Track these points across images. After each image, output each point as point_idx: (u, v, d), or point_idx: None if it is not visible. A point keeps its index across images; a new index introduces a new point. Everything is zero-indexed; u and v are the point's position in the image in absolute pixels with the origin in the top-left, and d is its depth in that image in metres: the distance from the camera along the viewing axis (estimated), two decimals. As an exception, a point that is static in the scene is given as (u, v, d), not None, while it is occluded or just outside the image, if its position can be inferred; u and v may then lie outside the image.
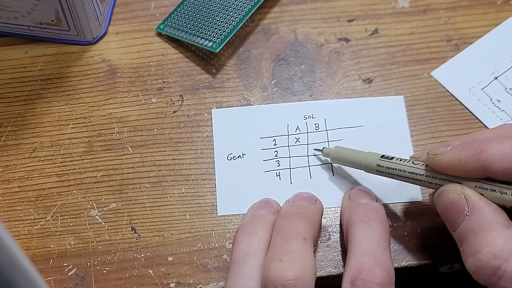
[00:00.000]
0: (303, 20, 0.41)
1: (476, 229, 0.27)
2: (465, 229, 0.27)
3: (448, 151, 0.28)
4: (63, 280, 0.33)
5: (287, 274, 0.27)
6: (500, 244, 0.26)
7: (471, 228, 0.27)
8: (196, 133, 0.37)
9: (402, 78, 0.39)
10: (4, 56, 0.40)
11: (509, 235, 0.26)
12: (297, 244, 0.29)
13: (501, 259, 0.25)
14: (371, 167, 0.32)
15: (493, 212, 0.27)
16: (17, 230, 0.35)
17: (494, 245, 0.26)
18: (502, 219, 0.27)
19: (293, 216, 0.31)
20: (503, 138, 0.28)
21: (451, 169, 0.28)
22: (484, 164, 0.27)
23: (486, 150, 0.27)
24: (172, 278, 0.33)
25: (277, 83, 0.39)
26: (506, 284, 0.25)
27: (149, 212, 0.35)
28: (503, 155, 0.26)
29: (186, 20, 0.41)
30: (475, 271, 0.26)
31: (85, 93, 0.39)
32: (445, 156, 0.28)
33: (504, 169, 0.26)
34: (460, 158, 0.28)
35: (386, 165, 0.31)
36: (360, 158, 0.33)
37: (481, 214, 0.27)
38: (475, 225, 0.27)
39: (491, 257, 0.26)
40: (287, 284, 0.27)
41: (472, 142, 0.28)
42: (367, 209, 0.31)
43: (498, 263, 0.25)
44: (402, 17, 0.41)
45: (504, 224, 0.26)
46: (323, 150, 0.35)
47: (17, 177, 0.36)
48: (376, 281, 0.28)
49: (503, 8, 0.41)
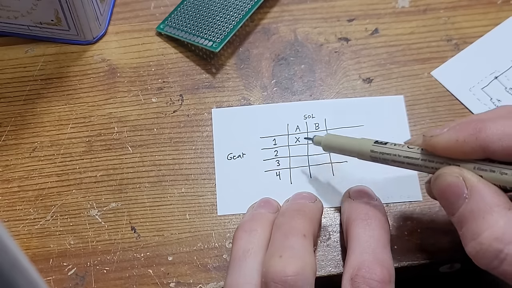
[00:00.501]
0: (303, 20, 0.41)
1: (476, 212, 0.26)
2: (464, 212, 0.26)
3: (445, 132, 0.27)
4: (63, 280, 0.33)
5: (287, 270, 0.27)
6: (501, 227, 0.25)
7: (470, 211, 0.26)
8: (196, 132, 0.37)
9: (402, 78, 0.39)
10: (4, 56, 0.40)
11: (510, 217, 0.25)
12: (297, 240, 0.29)
13: (503, 242, 0.24)
14: (365, 153, 0.31)
15: (493, 193, 0.26)
16: (17, 230, 0.35)
17: (495, 227, 0.25)
18: (502, 201, 0.26)
19: (293, 213, 0.31)
20: (502, 117, 0.27)
21: (449, 150, 0.27)
22: (483, 143, 0.26)
23: (485, 129, 0.26)
24: (172, 278, 0.33)
25: (277, 82, 0.39)
26: (509, 267, 0.24)
27: (149, 211, 0.35)
28: (502, 134, 0.26)
29: (186, 19, 0.41)
30: (475, 255, 0.25)
31: (85, 93, 0.39)
32: (442, 137, 0.27)
33: (503, 148, 0.25)
34: (458, 139, 0.27)
35: (380, 151, 0.30)
36: (353, 144, 0.31)
37: (481, 196, 0.26)
38: (474, 207, 0.26)
39: (492, 240, 0.25)
40: (287, 280, 0.27)
41: (470, 122, 0.27)
42: (366, 207, 0.31)
43: (500, 246, 0.24)
44: (402, 16, 0.41)
45: (505, 206, 0.25)
46: (314, 138, 0.34)
47: (17, 176, 0.36)
48: (376, 278, 0.28)
49: (503, 8, 0.41)
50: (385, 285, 0.28)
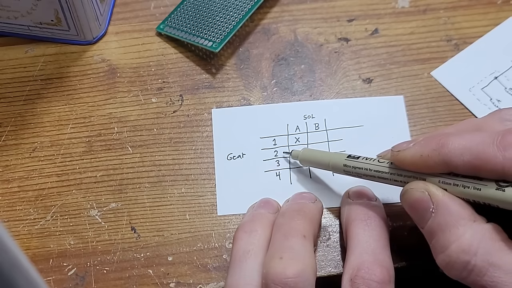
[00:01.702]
0: (303, 20, 0.41)
1: (443, 225, 0.26)
2: (432, 226, 0.27)
3: (411, 147, 0.28)
4: (63, 280, 0.33)
5: (287, 272, 0.27)
6: (467, 239, 0.26)
7: (438, 224, 0.27)
8: (196, 133, 0.37)
9: (402, 78, 0.39)
10: (4, 56, 0.40)
11: (475, 229, 0.26)
12: (297, 241, 0.29)
13: (470, 254, 0.25)
14: (338, 167, 0.32)
15: (458, 207, 0.27)
16: (17, 230, 0.35)
17: (462, 240, 0.26)
18: (467, 213, 0.26)
19: (293, 214, 0.31)
20: (464, 132, 0.28)
21: (414, 165, 0.28)
22: (445, 158, 0.26)
23: (447, 144, 0.27)
24: (172, 278, 0.33)
25: (277, 83, 0.39)
26: (476, 278, 0.25)
27: (149, 212, 0.35)
28: (463, 148, 0.26)
29: (186, 20, 0.41)
30: (445, 266, 0.26)
31: (85, 93, 0.39)
32: (407, 152, 0.28)
33: (464, 162, 0.26)
34: (422, 154, 0.27)
35: (352, 165, 0.31)
36: (328, 159, 0.33)
37: (447, 210, 0.27)
38: (441, 221, 0.27)
39: (460, 252, 0.26)
40: (288, 281, 0.27)
41: (434, 137, 0.27)
42: (366, 208, 0.31)
43: (467, 257, 0.25)
44: (402, 17, 0.41)
45: (470, 218, 0.26)
46: (292, 153, 0.35)
47: (17, 177, 0.36)
48: (376, 279, 0.28)
49: (503, 8, 0.41)
50: (385, 285, 0.28)
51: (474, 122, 0.30)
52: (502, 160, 0.25)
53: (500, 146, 0.25)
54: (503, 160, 0.25)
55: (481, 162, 0.25)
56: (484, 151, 0.25)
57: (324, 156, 0.33)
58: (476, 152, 0.26)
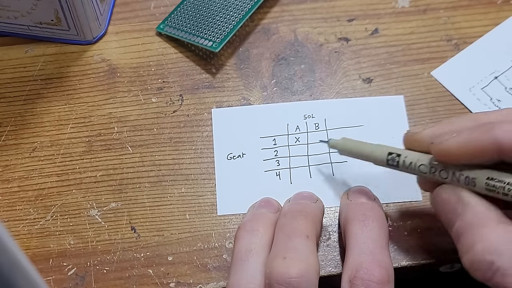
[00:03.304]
0: (303, 20, 0.41)
1: (469, 226, 0.27)
2: (459, 228, 0.27)
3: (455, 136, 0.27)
4: (63, 280, 0.33)
5: (291, 272, 0.27)
6: (493, 240, 0.26)
7: (464, 226, 0.27)
8: (196, 132, 0.37)
9: (402, 78, 0.39)
10: (4, 56, 0.40)
11: (501, 230, 0.26)
12: (300, 241, 0.29)
13: (495, 254, 0.25)
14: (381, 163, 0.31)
15: (485, 209, 0.27)
16: (16, 230, 0.35)
17: (487, 241, 0.26)
18: (493, 215, 0.27)
19: (295, 214, 0.31)
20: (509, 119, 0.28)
21: (462, 153, 0.27)
22: (497, 141, 0.26)
23: (499, 126, 0.26)
24: (172, 278, 0.33)
25: (277, 82, 0.39)
26: (500, 279, 0.25)
27: (149, 211, 0.35)
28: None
29: (186, 19, 0.41)
30: (470, 267, 0.26)
31: (85, 93, 0.39)
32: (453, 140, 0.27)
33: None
34: (470, 139, 0.27)
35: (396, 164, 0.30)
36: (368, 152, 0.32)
37: (473, 212, 0.27)
38: (468, 222, 0.27)
39: (484, 252, 0.26)
40: (291, 281, 0.27)
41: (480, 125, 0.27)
42: (364, 208, 0.31)
43: (492, 258, 0.25)
44: (402, 16, 0.41)
45: (497, 219, 0.26)
46: (329, 142, 0.34)
47: (16, 176, 0.36)
48: (375, 279, 0.28)
49: (503, 7, 0.41)
50: (384, 286, 0.28)
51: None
52: None
53: None
54: None
55: None
56: None
57: (366, 148, 0.32)
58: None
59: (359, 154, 0.33)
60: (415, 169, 0.30)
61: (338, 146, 0.34)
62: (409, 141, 0.31)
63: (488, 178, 0.27)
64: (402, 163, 0.30)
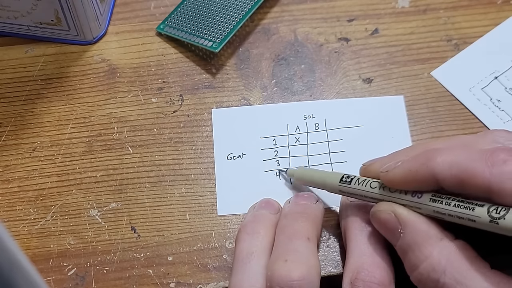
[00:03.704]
0: (303, 20, 0.41)
1: (412, 245, 0.27)
2: (402, 246, 0.27)
3: (399, 165, 0.28)
4: (63, 280, 0.33)
5: (292, 275, 0.27)
6: (435, 257, 0.26)
7: (407, 244, 0.27)
8: (196, 133, 0.37)
9: (402, 78, 0.39)
10: (4, 56, 0.40)
11: (442, 248, 0.26)
12: (301, 243, 0.29)
13: (439, 272, 0.26)
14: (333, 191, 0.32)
15: (425, 225, 0.27)
16: (17, 230, 0.35)
17: (430, 259, 0.26)
18: (434, 232, 0.27)
19: (296, 216, 0.31)
20: (453, 147, 0.27)
21: (404, 182, 0.28)
22: (434, 171, 0.26)
23: (435, 158, 0.26)
24: (172, 278, 0.33)
25: (277, 83, 0.39)
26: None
27: (149, 212, 0.35)
28: (451, 162, 0.26)
29: (186, 20, 0.41)
30: (418, 284, 0.27)
31: (85, 93, 0.39)
32: (396, 170, 0.28)
33: (452, 176, 0.26)
34: (411, 169, 0.27)
35: (347, 191, 0.31)
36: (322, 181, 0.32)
37: (414, 229, 0.27)
38: (410, 240, 0.27)
39: (429, 271, 0.26)
40: (293, 284, 0.27)
41: (423, 153, 0.27)
42: (365, 208, 0.31)
43: (436, 276, 0.26)
44: (402, 17, 0.41)
45: (437, 236, 0.27)
46: (287, 171, 0.35)
47: (17, 177, 0.36)
48: (376, 281, 0.28)
49: (503, 8, 0.41)
50: (385, 287, 0.28)
51: (464, 139, 0.29)
52: (489, 176, 0.25)
53: (488, 162, 0.25)
54: (490, 176, 0.24)
55: (468, 176, 0.25)
56: (472, 166, 0.25)
57: (319, 177, 0.32)
58: (464, 166, 0.25)
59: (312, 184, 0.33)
60: (367, 186, 0.30)
61: (294, 175, 0.34)
62: (364, 172, 0.31)
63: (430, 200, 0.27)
64: (356, 181, 0.30)
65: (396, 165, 0.28)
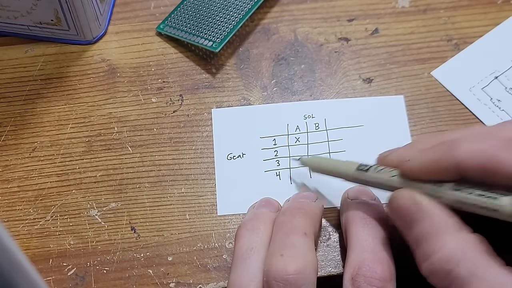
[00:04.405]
0: (303, 20, 0.41)
1: (428, 233, 0.26)
2: (417, 235, 0.27)
3: (419, 155, 0.28)
4: (63, 280, 0.33)
5: (288, 269, 0.27)
6: (451, 248, 0.25)
7: (422, 233, 0.27)
8: (196, 132, 0.37)
9: (402, 78, 0.39)
10: (4, 55, 0.40)
11: (460, 239, 0.26)
12: (298, 238, 0.29)
13: (453, 263, 0.25)
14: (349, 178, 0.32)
15: (443, 216, 0.26)
16: (16, 230, 0.35)
17: (445, 249, 0.25)
18: (452, 223, 0.26)
19: (294, 212, 0.31)
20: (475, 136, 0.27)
21: (425, 172, 0.28)
22: (457, 161, 0.26)
23: (458, 147, 0.26)
24: (172, 278, 0.33)
25: (277, 82, 0.39)
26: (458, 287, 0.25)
27: (149, 212, 0.35)
28: (475, 151, 0.25)
29: (186, 19, 0.41)
30: (429, 275, 0.26)
31: (85, 93, 0.39)
32: (417, 160, 0.28)
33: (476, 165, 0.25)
34: (432, 159, 0.27)
35: (364, 178, 0.30)
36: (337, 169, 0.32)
37: (432, 218, 0.26)
38: (426, 229, 0.26)
39: (443, 261, 0.25)
40: (289, 278, 0.27)
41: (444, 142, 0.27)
42: (365, 206, 0.31)
43: (450, 267, 0.25)
44: (402, 16, 0.41)
45: (454, 227, 0.26)
46: (300, 159, 0.35)
47: (16, 177, 0.36)
48: (377, 276, 0.28)
49: (503, 7, 0.41)
50: (386, 283, 0.28)
51: (484, 128, 0.29)
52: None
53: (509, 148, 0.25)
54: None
55: (493, 164, 0.25)
56: (497, 154, 0.25)
57: (335, 165, 0.32)
58: (489, 154, 0.25)
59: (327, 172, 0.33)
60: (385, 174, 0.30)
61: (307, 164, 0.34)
62: (382, 162, 0.31)
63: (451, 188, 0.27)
64: (374, 169, 0.30)
65: (416, 155, 0.28)
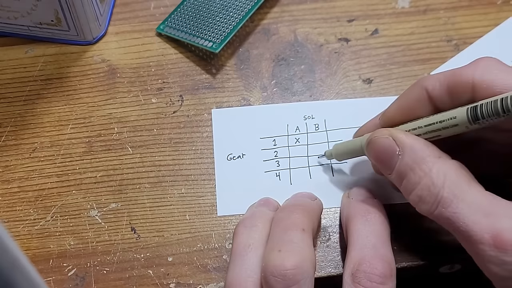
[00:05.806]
0: (303, 20, 0.41)
1: (411, 164, 0.28)
2: (400, 168, 0.29)
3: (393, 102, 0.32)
4: (63, 281, 0.33)
5: (286, 264, 0.27)
6: (435, 173, 0.27)
7: (406, 165, 0.28)
8: (196, 133, 0.37)
9: (402, 78, 0.39)
10: (4, 56, 0.40)
11: (441, 164, 0.28)
12: (296, 234, 0.29)
13: (438, 186, 0.27)
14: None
15: (422, 145, 0.28)
16: (17, 231, 0.35)
17: (430, 175, 0.27)
18: (432, 151, 0.28)
19: (292, 208, 0.31)
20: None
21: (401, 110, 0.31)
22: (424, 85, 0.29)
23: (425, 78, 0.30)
24: (172, 279, 0.33)
25: (277, 83, 0.39)
26: (442, 209, 0.27)
27: (149, 212, 0.35)
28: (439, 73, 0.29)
29: (186, 20, 0.41)
30: (417, 203, 0.28)
31: (85, 93, 0.39)
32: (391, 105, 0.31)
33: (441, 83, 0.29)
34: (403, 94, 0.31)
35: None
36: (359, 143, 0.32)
37: (412, 150, 0.28)
38: (409, 161, 0.28)
39: (429, 186, 0.27)
40: (286, 273, 0.27)
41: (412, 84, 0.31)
42: (366, 204, 0.31)
43: (436, 190, 0.27)
44: (402, 17, 0.41)
45: (434, 155, 0.28)
46: (326, 153, 0.35)
47: (17, 177, 0.36)
48: (377, 272, 0.28)
49: (503, 8, 0.41)
50: (387, 279, 0.28)
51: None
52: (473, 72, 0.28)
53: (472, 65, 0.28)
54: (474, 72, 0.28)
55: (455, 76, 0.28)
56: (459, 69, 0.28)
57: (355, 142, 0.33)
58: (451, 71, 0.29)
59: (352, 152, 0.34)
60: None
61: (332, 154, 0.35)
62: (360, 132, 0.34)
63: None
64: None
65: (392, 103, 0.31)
